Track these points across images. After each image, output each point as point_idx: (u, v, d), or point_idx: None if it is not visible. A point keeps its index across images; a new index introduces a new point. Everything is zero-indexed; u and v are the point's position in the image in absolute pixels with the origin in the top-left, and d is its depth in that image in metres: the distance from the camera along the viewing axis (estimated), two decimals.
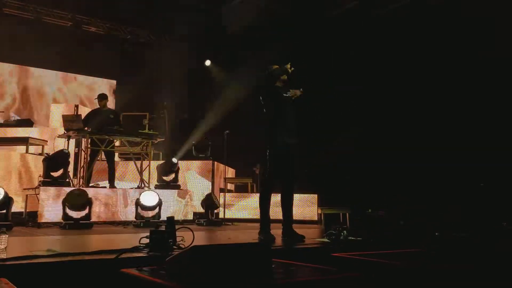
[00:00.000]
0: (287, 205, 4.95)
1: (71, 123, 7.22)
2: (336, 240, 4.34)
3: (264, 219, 4.76)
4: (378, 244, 4.35)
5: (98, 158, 7.87)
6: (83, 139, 7.36)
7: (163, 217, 6.26)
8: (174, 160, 7.83)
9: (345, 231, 4.36)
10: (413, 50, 8.30)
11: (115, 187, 7.44)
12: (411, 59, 8.25)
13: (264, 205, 4.80)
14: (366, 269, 2.96)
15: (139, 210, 6.59)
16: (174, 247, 3.32)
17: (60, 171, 6.63)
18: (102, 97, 7.94)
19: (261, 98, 4.90)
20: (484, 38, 7.49)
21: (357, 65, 8.79)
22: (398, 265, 3.07)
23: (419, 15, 8.46)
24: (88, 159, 7.29)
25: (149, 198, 6.63)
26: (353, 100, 8.84)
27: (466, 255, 3.81)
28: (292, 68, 4.86)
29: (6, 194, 5.62)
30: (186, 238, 3.48)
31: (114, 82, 11.87)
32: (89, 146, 7.20)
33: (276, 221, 5.02)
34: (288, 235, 4.72)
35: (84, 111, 8.35)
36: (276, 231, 4.77)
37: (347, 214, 7.85)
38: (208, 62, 11.63)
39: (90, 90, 11.83)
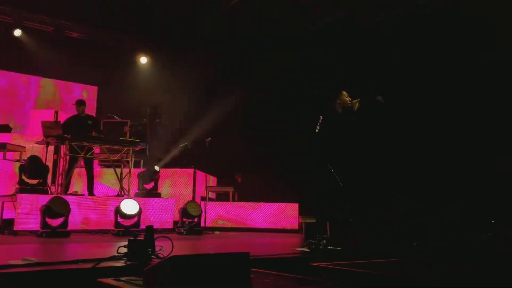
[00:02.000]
0: None
1: (50, 129, 7.12)
2: (316, 249, 4.36)
3: None
4: (357, 254, 4.38)
5: (78, 165, 7.76)
6: (62, 146, 7.26)
7: (143, 225, 6.20)
8: (157, 168, 7.78)
9: (324, 241, 4.38)
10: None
11: (94, 195, 7.35)
12: (405, 61, 8.36)
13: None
14: (344, 279, 2.99)
15: (118, 218, 6.51)
16: (153, 256, 3.29)
17: (38, 179, 6.52)
18: (80, 103, 7.84)
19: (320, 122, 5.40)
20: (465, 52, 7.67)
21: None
22: (375, 274, 3.11)
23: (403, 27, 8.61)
24: (67, 166, 7.20)
25: (129, 206, 6.57)
26: None
27: (444, 263, 3.87)
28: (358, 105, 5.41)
29: None
30: (166, 247, 3.46)
31: (95, 88, 11.75)
32: (67, 153, 7.11)
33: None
34: None
35: (64, 118, 8.24)
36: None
37: (328, 223, 7.88)
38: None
39: (70, 96, 11.70)
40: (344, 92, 5.59)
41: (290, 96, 9.91)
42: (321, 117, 5.49)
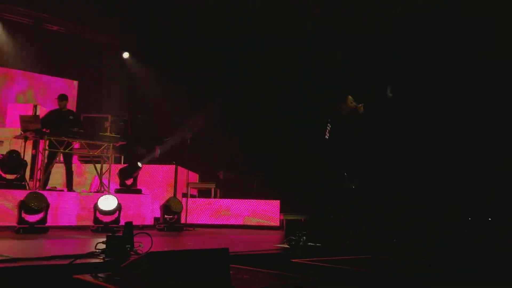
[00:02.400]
0: None
1: (29, 123, 6.99)
2: (296, 246, 4.38)
3: None
4: (336, 250, 4.42)
5: (56, 160, 7.64)
6: (40, 140, 7.14)
7: (123, 222, 6.14)
8: (139, 164, 7.71)
9: (304, 237, 4.40)
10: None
11: (73, 191, 7.25)
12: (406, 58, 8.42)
13: None
14: (323, 275, 3.01)
15: (98, 214, 6.43)
16: (132, 252, 3.26)
17: (16, 174, 6.40)
18: (62, 98, 7.71)
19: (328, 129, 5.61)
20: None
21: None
22: (352, 270, 3.14)
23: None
24: (46, 161, 7.09)
25: (108, 202, 6.49)
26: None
27: (423, 260, 3.92)
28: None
29: None
30: (145, 243, 3.43)
31: (76, 82, 11.55)
32: (47, 148, 6.99)
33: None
34: None
35: (42, 113, 8.11)
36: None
37: (309, 220, 7.93)
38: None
39: (50, 90, 11.50)
40: (350, 97, 5.65)
41: (278, 95, 9.91)
42: (329, 124, 5.58)
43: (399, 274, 3.21)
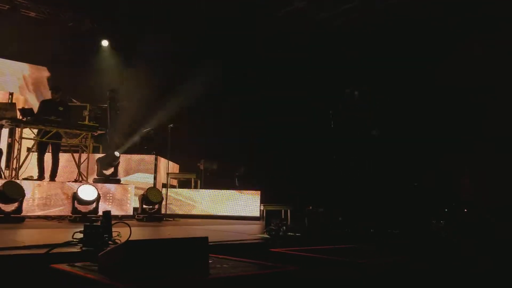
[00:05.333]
0: None
1: (4, 111, 6.83)
2: (276, 235, 4.40)
3: None
4: (315, 240, 4.46)
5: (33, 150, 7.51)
6: (17, 129, 6.99)
7: (101, 212, 6.07)
8: (117, 153, 7.62)
9: (284, 227, 4.43)
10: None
11: (54, 181, 7.14)
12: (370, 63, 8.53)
13: None
14: (301, 264, 3.03)
15: (76, 204, 6.35)
16: (110, 242, 3.23)
17: None
18: (57, 90, 7.64)
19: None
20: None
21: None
22: (331, 259, 3.17)
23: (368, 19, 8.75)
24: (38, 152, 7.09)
25: (86, 192, 6.41)
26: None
27: (399, 249, 3.99)
28: None
29: None
30: (124, 233, 3.39)
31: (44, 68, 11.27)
32: (26, 136, 6.88)
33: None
34: None
35: (18, 101, 7.93)
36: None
37: (289, 210, 7.98)
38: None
39: (29, 76, 11.27)
40: (347, 90, 5.70)
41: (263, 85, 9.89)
42: (331, 112, 5.64)
43: (380, 262, 3.26)
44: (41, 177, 7.13)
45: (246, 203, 8.35)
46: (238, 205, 8.35)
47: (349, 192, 7.41)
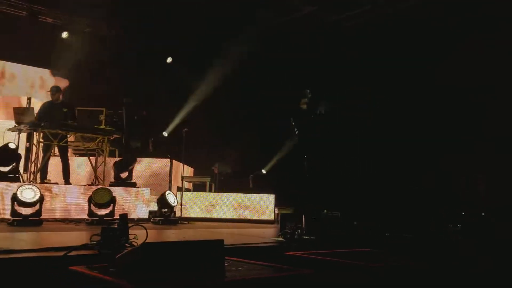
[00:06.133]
0: None
1: (22, 116, 6.96)
2: (291, 239, 4.40)
3: None
4: (330, 244, 4.45)
5: (53, 154, 7.62)
6: (34, 133, 7.11)
7: (118, 215, 6.13)
8: (133, 157, 7.70)
9: (299, 230, 4.42)
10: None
11: (70, 183, 7.24)
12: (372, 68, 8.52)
13: None
14: (317, 267, 3.03)
15: (92, 207, 6.42)
16: (127, 244, 3.27)
17: (10, 166, 6.37)
18: (56, 90, 7.68)
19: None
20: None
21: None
22: (346, 263, 3.16)
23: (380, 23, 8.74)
24: (41, 154, 7.07)
25: (102, 195, 6.48)
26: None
27: (413, 254, 3.96)
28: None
29: None
30: (140, 236, 3.43)
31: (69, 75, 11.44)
32: (41, 140, 6.97)
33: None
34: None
35: (36, 105, 8.06)
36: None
37: (303, 214, 7.95)
38: (169, 59, 11.49)
39: (42, 82, 11.46)
40: (306, 91, 5.71)
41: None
42: (292, 119, 5.68)
43: (395, 267, 3.24)
44: (42, 181, 7.07)
45: (261, 206, 8.35)
46: (253, 208, 8.36)
47: (363, 195, 7.38)
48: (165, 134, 8.36)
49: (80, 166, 8.48)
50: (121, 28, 11.17)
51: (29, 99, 8.38)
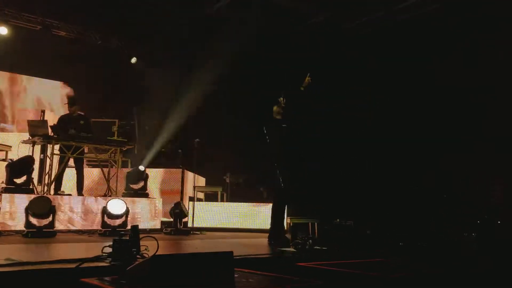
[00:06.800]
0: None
1: (37, 128, 7.05)
2: (302, 249, 4.38)
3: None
4: (343, 254, 4.41)
5: (69, 165, 7.69)
6: (48, 145, 7.20)
7: (130, 226, 6.16)
8: (141, 168, 7.72)
9: (310, 241, 4.39)
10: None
11: (82, 195, 7.30)
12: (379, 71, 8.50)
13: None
14: (328, 278, 3.00)
15: (105, 218, 6.46)
16: (138, 256, 3.28)
17: (24, 178, 6.45)
18: (73, 103, 7.80)
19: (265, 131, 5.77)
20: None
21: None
22: (359, 273, 3.12)
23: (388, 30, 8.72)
24: (57, 166, 7.18)
25: (116, 206, 6.52)
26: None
27: (428, 262, 3.90)
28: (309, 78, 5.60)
29: None
30: (151, 247, 3.44)
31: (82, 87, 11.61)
32: (57, 152, 7.06)
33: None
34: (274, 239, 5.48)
35: (49, 117, 8.17)
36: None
37: (316, 223, 7.91)
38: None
39: (56, 94, 11.65)
40: (280, 99, 5.74)
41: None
42: (264, 128, 5.73)
43: (411, 278, 3.20)
44: (56, 192, 7.12)
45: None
46: (265, 218, 8.32)
47: (377, 204, 7.32)
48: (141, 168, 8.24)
49: (93, 177, 8.55)
50: (129, 40, 11.28)
51: (42, 111, 8.50)
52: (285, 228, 8.21)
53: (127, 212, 6.59)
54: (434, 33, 8.17)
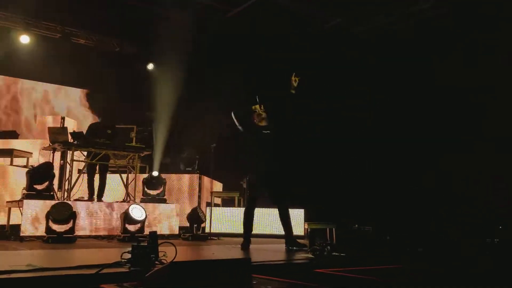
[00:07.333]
0: (283, 220, 5.69)
1: (57, 135, 7.18)
2: (320, 255, 4.34)
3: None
4: (361, 260, 4.36)
5: (83, 171, 7.80)
6: (68, 151, 7.32)
7: (147, 231, 6.20)
8: (154, 173, 7.77)
9: (328, 247, 4.36)
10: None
11: (102, 201, 7.39)
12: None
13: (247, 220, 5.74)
14: (346, 285, 2.97)
15: (125, 224, 6.52)
16: (156, 262, 3.29)
17: (44, 184, 6.56)
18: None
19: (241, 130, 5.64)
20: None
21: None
22: (376, 281, 3.09)
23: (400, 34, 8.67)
24: (75, 172, 7.32)
25: (136, 212, 6.57)
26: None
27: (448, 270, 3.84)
28: (297, 78, 5.51)
29: None
30: (170, 253, 3.45)
31: (99, 94, 11.78)
32: (83, 158, 7.20)
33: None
34: (291, 244, 5.43)
35: (69, 124, 8.30)
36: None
37: (334, 229, 7.85)
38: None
39: (75, 101, 11.84)
40: (257, 106, 5.67)
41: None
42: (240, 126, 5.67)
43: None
44: (91, 197, 7.38)
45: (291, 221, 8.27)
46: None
47: (397, 210, 7.24)
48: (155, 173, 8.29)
49: (112, 182, 8.64)
50: (147, 46, 11.40)
51: (62, 118, 8.65)
52: (304, 233, 8.20)
53: (145, 218, 6.64)
54: (434, 33, 8.10)
